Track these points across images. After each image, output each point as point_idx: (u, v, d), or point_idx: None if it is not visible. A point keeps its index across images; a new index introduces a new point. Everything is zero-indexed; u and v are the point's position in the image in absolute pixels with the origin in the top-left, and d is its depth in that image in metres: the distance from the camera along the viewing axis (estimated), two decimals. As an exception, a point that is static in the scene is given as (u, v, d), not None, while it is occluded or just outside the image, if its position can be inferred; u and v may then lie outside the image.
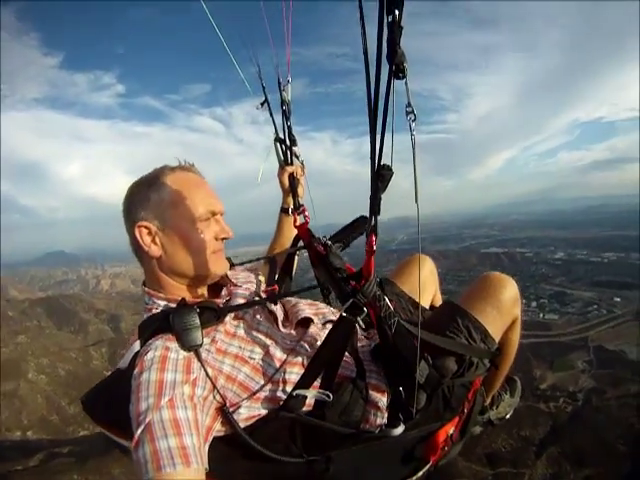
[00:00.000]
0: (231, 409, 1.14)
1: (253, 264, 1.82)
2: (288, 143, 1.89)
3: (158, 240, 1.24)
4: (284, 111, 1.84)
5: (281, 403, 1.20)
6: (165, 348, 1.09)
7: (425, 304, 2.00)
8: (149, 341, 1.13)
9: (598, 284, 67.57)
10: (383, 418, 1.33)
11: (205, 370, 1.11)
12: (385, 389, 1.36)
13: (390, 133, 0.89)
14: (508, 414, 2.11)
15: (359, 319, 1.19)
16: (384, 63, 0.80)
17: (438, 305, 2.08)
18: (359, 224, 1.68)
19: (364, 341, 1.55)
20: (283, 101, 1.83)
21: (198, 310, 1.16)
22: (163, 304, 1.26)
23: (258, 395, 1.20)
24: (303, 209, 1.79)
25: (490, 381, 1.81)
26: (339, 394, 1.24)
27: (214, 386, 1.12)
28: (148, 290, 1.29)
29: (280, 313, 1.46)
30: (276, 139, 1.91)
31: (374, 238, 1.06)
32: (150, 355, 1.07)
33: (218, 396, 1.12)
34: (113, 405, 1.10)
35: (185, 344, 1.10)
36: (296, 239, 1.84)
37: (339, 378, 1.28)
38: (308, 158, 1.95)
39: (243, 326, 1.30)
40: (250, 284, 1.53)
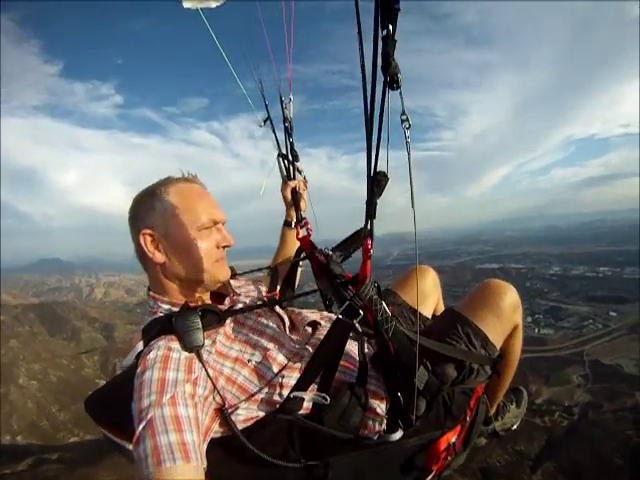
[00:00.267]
0: (229, 410, 1.16)
1: (255, 275, 1.87)
2: (290, 159, 1.96)
3: (162, 247, 1.28)
4: (286, 128, 1.92)
5: (278, 406, 1.21)
6: (167, 348, 1.12)
7: (427, 314, 2.01)
8: (152, 342, 1.16)
9: (593, 299, 67.59)
10: (382, 424, 1.33)
11: (206, 370, 1.13)
12: (385, 395, 1.35)
13: (386, 141, 0.93)
14: (514, 425, 2.08)
15: (355, 322, 1.20)
16: (380, 75, 0.84)
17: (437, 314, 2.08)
18: (360, 235, 1.66)
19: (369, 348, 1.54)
20: (285, 118, 1.91)
21: (200, 313, 1.20)
22: (167, 307, 1.30)
23: (256, 397, 1.21)
24: (305, 222, 1.84)
25: (493, 390, 1.80)
26: (337, 399, 1.25)
27: (214, 387, 1.14)
28: (153, 294, 1.33)
29: (286, 319, 1.50)
30: (279, 155, 1.98)
31: (370, 242, 1.07)
32: (153, 354, 1.10)
33: (218, 397, 1.14)
34: (115, 406, 1.12)
35: (187, 345, 1.13)
36: (299, 251, 1.87)
37: (338, 383, 1.29)
38: (304, 174, 2.01)
39: (245, 330, 1.34)
40: (252, 292, 1.58)
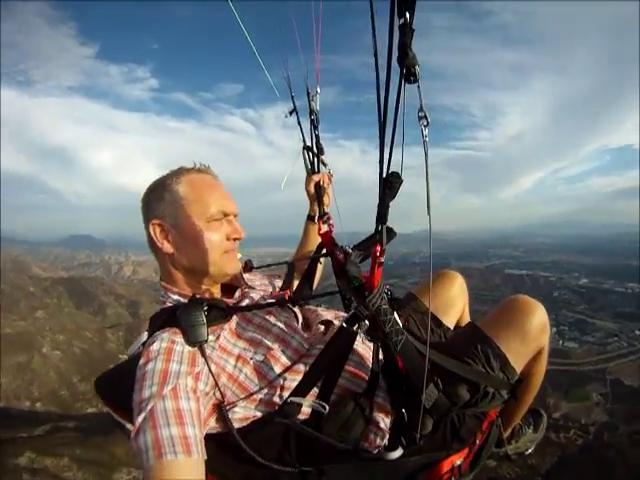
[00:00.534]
0: (227, 408, 1.15)
1: (274, 270, 1.85)
2: (315, 151, 1.93)
3: (171, 237, 1.28)
4: (312, 120, 1.89)
5: (277, 408, 1.20)
6: (171, 341, 1.12)
7: (451, 323, 1.92)
8: (156, 333, 1.16)
9: (621, 315, 64.73)
10: (384, 439, 1.29)
11: (209, 366, 1.13)
12: (391, 409, 1.31)
13: (401, 139, 0.87)
14: (528, 450, 1.98)
15: (360, 332, 1.16)
16: (396, 67, 0.79)
17: (461, 325, 1.98)
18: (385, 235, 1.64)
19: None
20: (312, 110, 1.87)
21: (206, 307, 1.19)
22: (175, 298, 1.31)
23: (255, 397, 1.20)
24: (328, 217, 1.79)
25: (510, 412, 1.70)
26: (340, 408, 1.22)
27: (216, 383, 1.13)
28: (163, 284, 1.34)
29: (299, 316, 1.46)
30: (304, 147, 1.96)
31: (380, 248, 1.03)
32: (156, 346, 1.10)
33: (218, 393, 1.14)
34: (122, 389, 1.12)
35: (190, 339, 1.13)
36: (320, 247, 1.83)
37: (344, 391, 1.27)
38: (335, 166, 1.98)
39: (251, 327, 1.31)
40: (266, 287, 1.55)
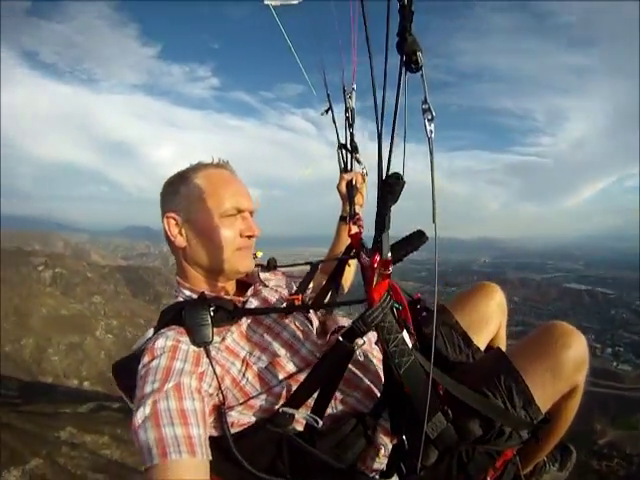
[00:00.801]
0: (226, 411, 1.13)
1: (299, 270, 1.77)
2: (349, 150, 1.90)
3: (184, 232, 1.27)
4: (347, 118, 1.85)
5: (270, 416, 1.16)
6: (176, 340, 1.11)
7: (483, 342, 1.74)
8: (162, 330, 1.15)
9: (683, 341, 58.98)
10: (382, 464, 1.21)
11: (213, 367, 1.11)
12: (392, 434, 1.23)
13: (404, 135, 0.82)
14: None
15: (357, 348, 1.08)
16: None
17: (496, 347, 1.77)
18: (414, 239, 1.44)
19: None
20: (347, 108, 1.85)
21: (213, 308, 1.17)
22: (187, 294, 1.29)
23: (254, 403, 1.17)
24: (358, 218, 1.69)
25: (531, 452, 1.53)
26: (340, 424, 1.18)
27: (219, 385, 1.11)
28: (177, 279, 1.33)
29: (315, 322, 1.39)
30: (339, 146, 1.94)
31: (378, 258, 0.95)
32: (161, 344, 1.09)
33: (220, 396, 1.12)
34: (134, 376, 1.11)
35: (196, 339, 1.12)
36: (348, 248, 1.74)
37: (350, 410, 1.23)
38: (363, 166, 1.95)
39: (260, 330, 1.27)
40: (281, 289, 1.49)
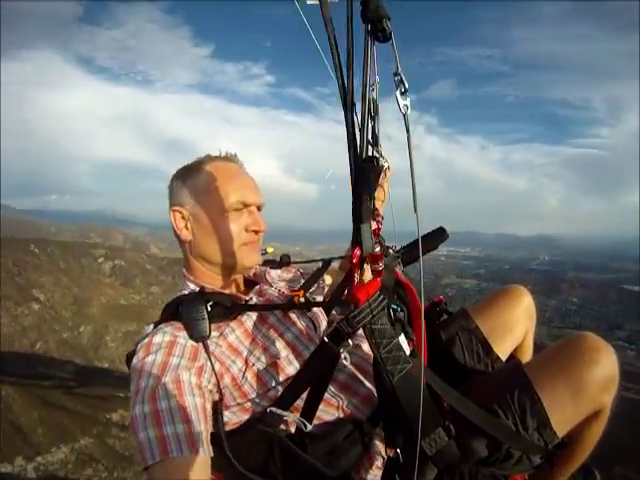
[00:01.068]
0: (222, 409, 1.10)
1: (311, 266, 1.71)
2: (369, 144, 1.78)
3: (189, 225, 1.26)
4: (369, 110, 1.75)
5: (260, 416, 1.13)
6: (174, 335, 1.09)
7: (505, 351, 1.61)
8: (160, 326, 1.14)
9: None
10: (376, 476, 1.16)
11: (211, 363, 1.08)
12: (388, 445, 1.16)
13: (366, 112, 0.79)
14: None
15: (342, 351, 1.03)
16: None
17: (518, 356, 1.66)
18: (433, 236, 1.46)
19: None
20: (368, 99, 1.77)
21: (211, 303, 1.15)
22: (192, 287, 1.28)
23: (249, 404, 1.13)
24: (377, 213, 1.63)
25: (546, 477, 1.37)
26: (335, 430, 1.13)
27: (218, 383, 1.09)
28: (184, 272, 1.33)
29: (322, 322, 1.34)
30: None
31: (359, 251, 0.90)
32: (158, 339, 1.08)
33: (218, 394, 1.09)
34: None
35: (193, 334, 1.10)
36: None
37: (348, 416, 1.18)
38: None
39: (264, 328, 1.23)
40: (285, 284, 1.46)
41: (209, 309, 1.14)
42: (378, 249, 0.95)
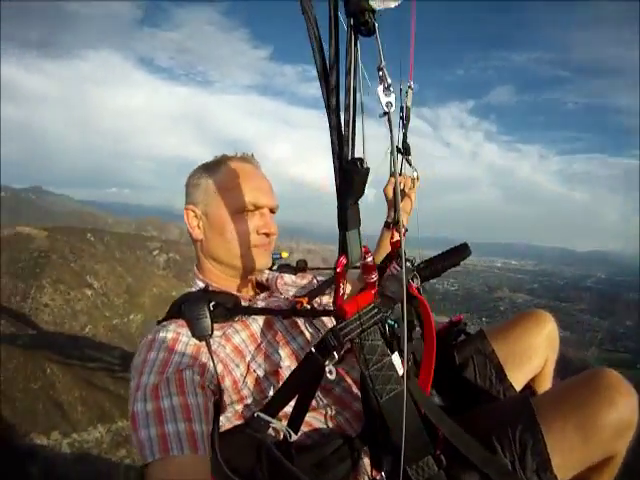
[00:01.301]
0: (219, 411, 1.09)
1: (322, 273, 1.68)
2: (400, 152, 1.75)
3: (202, 224, 1.27)
4: (401, 117, 1.72)
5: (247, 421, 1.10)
6: (176, 332, 1.10)
7: (521, 380, 1.51)
8: (164, 323, 1.14)
9: None
10: None
11: (213, 362, 1.08)
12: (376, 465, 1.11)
13: (352, 112, 0.76)
14: None
15: (327, 363, 0.96)
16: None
17: (535, 386, 1.55)
18: (456, 252, 1.37)
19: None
20: (402, 107, 1.73)
21: (213, 303, 1.15)
22: (201, 285, 1.28)
23: (244, 411, 1.12)
24: (401, 225, 1.52)
25: None
26: (324, 442, 1.09)
27: (219, 384, 1.08)
28: (195, 270, 1.33)
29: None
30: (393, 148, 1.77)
31: (344, 260, 0.87)
32: (161, 336, 1.08)
33: (218, 395, 1.08)
34: None
35: (195, 332, 1.10)
36: (389, 257, 1.56)
37: (338, 429, 1.15)
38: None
39: (270, 334, 1.22)
40: (299, 290, 1.44)
41: (211, 309, 1.13)
42: (370, 259, 0.92)
